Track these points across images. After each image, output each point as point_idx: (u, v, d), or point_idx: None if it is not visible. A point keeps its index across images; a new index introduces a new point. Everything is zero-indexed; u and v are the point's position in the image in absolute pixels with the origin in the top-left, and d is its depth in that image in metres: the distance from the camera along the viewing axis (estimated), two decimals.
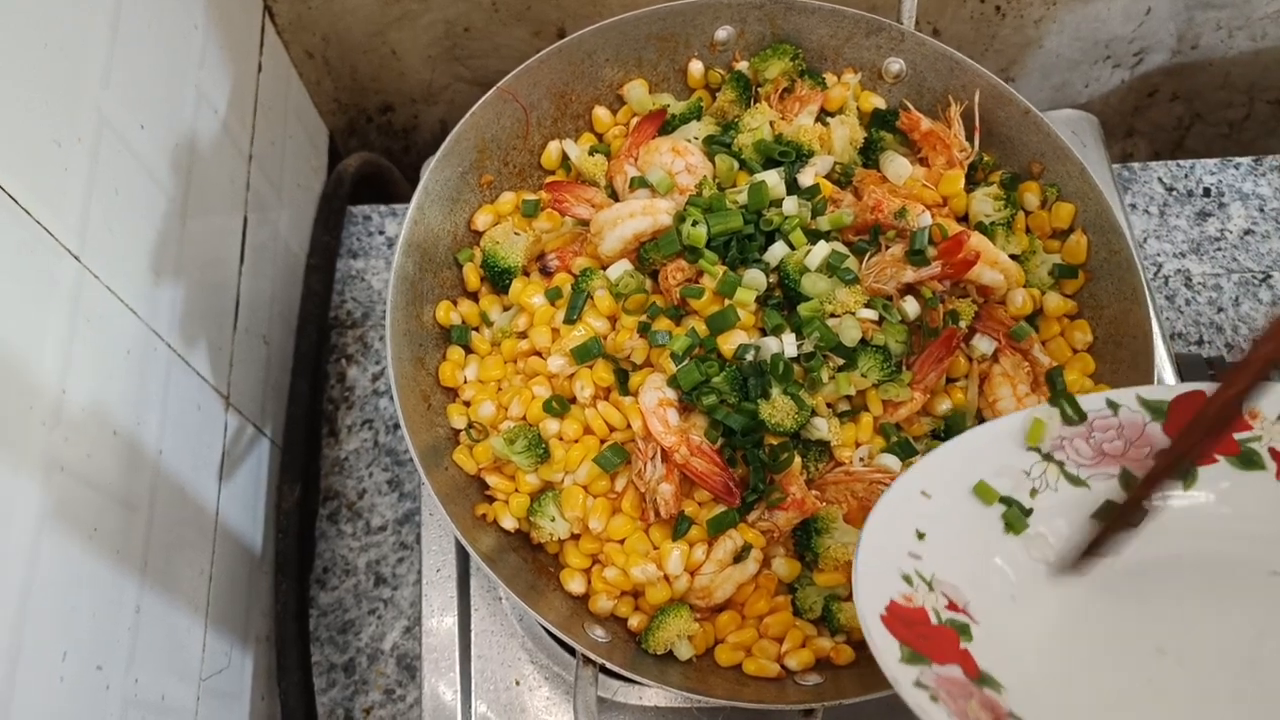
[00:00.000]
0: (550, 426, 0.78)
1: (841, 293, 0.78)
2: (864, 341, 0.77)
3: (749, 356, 0.75)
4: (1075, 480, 0.64)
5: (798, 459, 0.76)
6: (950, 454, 0.64)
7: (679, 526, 0.75)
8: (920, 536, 0.60)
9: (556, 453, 0.77)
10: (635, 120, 0.91)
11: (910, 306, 0.79)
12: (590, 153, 0.90)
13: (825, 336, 0.75)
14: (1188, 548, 0.63)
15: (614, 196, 0.88)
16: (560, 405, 0.78)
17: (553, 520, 0.77)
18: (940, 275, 0.79)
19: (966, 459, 0.64)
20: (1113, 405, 0.64)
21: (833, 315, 0.78)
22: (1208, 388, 0.63)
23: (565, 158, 0.91)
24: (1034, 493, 0.64)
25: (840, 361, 0.77)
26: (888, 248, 0.80)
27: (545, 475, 0.78)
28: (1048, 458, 0.64)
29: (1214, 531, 0.63)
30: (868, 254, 0.80)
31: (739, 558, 0.76)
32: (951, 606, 0.59)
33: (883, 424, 0.79)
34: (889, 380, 0.77)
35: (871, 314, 0.77)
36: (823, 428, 0.76)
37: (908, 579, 0.59)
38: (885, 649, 0.54)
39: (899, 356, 0.78)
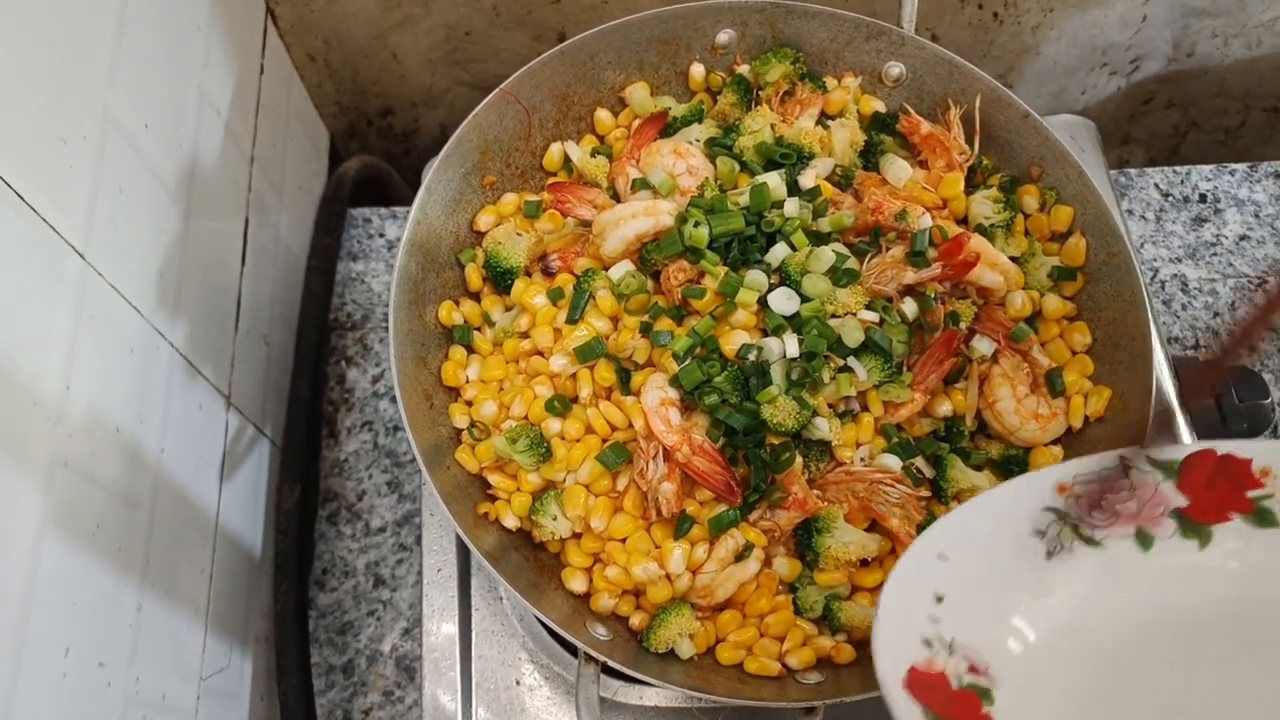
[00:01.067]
0: (552, 426, 0.78)
1: (842, 294, 0.78)
2: (865, 343, 0.77)
3: (751, 356, 0.76)
4: (1090, 541, 0.63)
5: (799, 459, 0.76)
6: (966, 516, 0.63)
7: (681, 525, 0.76)
8: (939, 600, 0.60)
9: (558, 452, 0.77)
10: (637, 123, 0.91)
11: (909, 307, 0.79)
12: (592, 154, 0.91)
13: (825, 335, 0.76)
14: (1206, 607, 0.62)
15: (616, 198, 0.88)
16: (562, 405, 0.79)
17: (554, 519, 0.77)
18: (940, 276, 0.79)
19: (982, 521, 0.63)
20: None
21: (833, 316, 0.78)
22: (1217, 445, 0.63)
23: (567, 159, 0.91)
24: (1049, 555, 0.63)
25: (841, 362, 0.77)
26: (888, 249, 0.81)
27: (547, 474, 0.78)
28: (1063, 518, 0.64)
29: (1232, 589, 0.63)
30: (868, 255, 0.81)
31: (740, 557, 0.76)
32: (972, 669, 0.59)
33: (883, 425, 0.79)
34: (889, 381, 0.77)
35: (872, 315, 0.78)
36: (824, 428, 0.76)
37: (928, 643, 0.58)
38: (907, 714, 0.54)
39: (899, 358, 0.78)
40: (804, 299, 0.78)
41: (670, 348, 0.77)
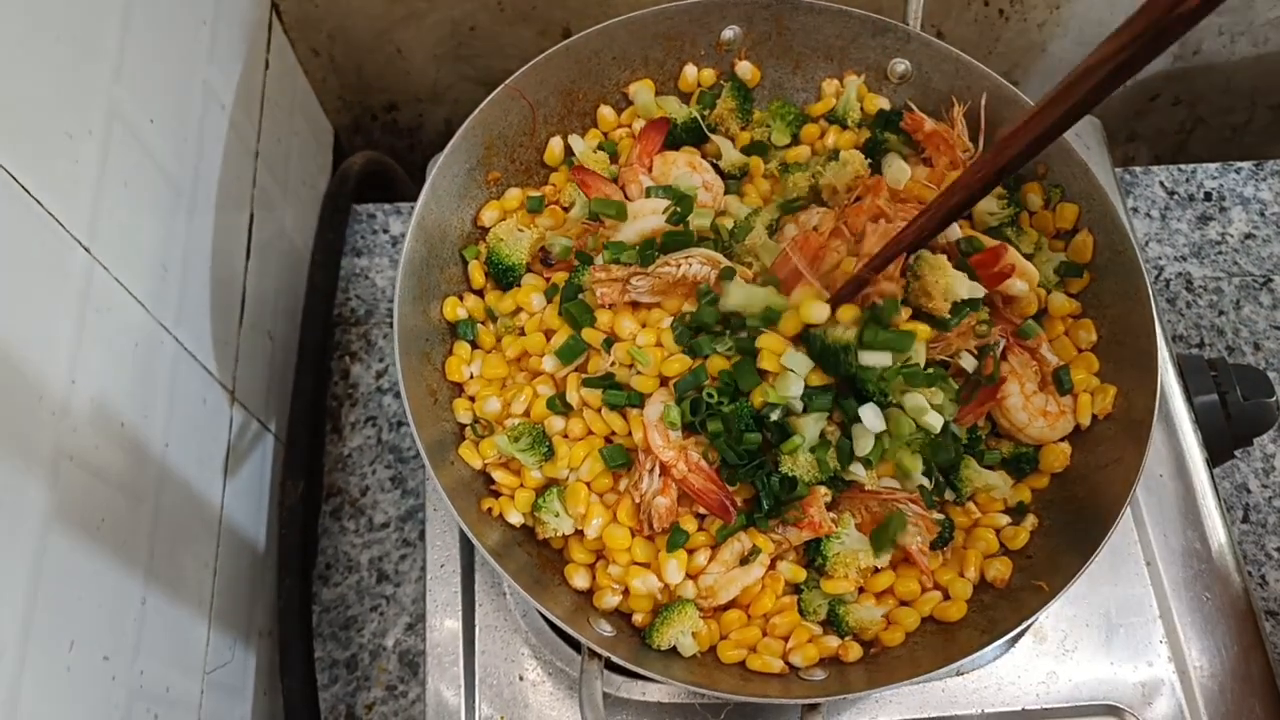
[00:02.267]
0: (555, 424, 0.78)
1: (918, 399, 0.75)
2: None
3: (774, 416, 0.74)
4: None
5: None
6: None
7: (674, 539, 0.75)
8: None
9: (560, 449, 0.77)
10: (639, 123, 0.91)
11: (968, 363, 0.79)
12: (596, 149, 0.91)
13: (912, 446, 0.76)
14: None
15: None
16: (564, 403, 0.79)
17: (557, 516, 0.77)
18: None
19: None
20: None
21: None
22: None
23: (568, 153, 0.91)
24: None
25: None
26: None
27: (550, 472, 0.78)
28: None
29: None
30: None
31: (745, 560, 0.76)
32: None
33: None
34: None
35: (938, 401, 0.76)
36: (859, 472, 0.75)
37: None
38: None
39: (950, 418, 0.77)
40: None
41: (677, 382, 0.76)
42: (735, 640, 0.76)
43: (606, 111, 0.93)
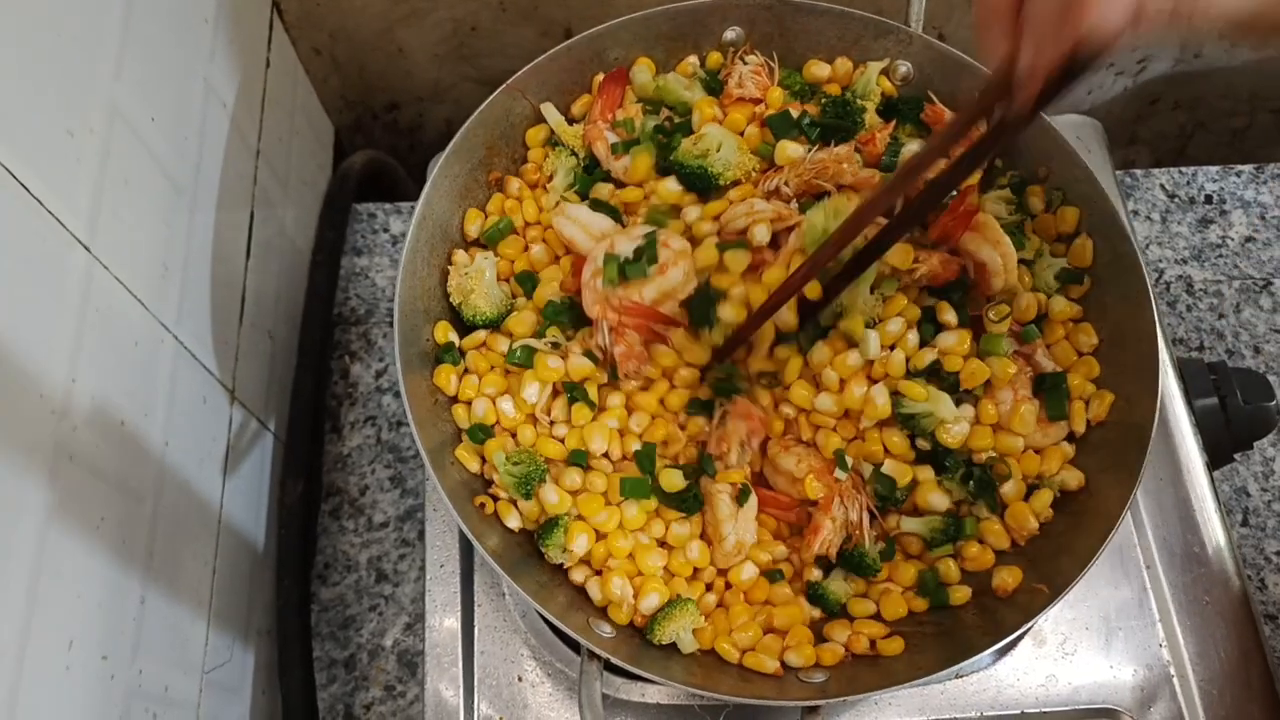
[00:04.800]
0: (570, 477, 0.77)
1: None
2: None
3: None
4: None
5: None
6: None
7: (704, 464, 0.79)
8: None
9: (562, 492, 0.76)
10: (636, 107, 0.89)
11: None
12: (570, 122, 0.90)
13: None
14: None
15: (594, 163, 0.88)
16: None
17: (564, 551, 0.76)
18: (941, 232, 0.79)
19: None
20: None
21: None
22: None
23: (550, 136, 0.89)
24: None
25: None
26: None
27: (552, 510, 0.77)
28: None
29: None
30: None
31: (768, 573, 0.76)
32: None
33: None
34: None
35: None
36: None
37: None
38: None
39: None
40: None
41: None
42: (735, 640, 0.75)
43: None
